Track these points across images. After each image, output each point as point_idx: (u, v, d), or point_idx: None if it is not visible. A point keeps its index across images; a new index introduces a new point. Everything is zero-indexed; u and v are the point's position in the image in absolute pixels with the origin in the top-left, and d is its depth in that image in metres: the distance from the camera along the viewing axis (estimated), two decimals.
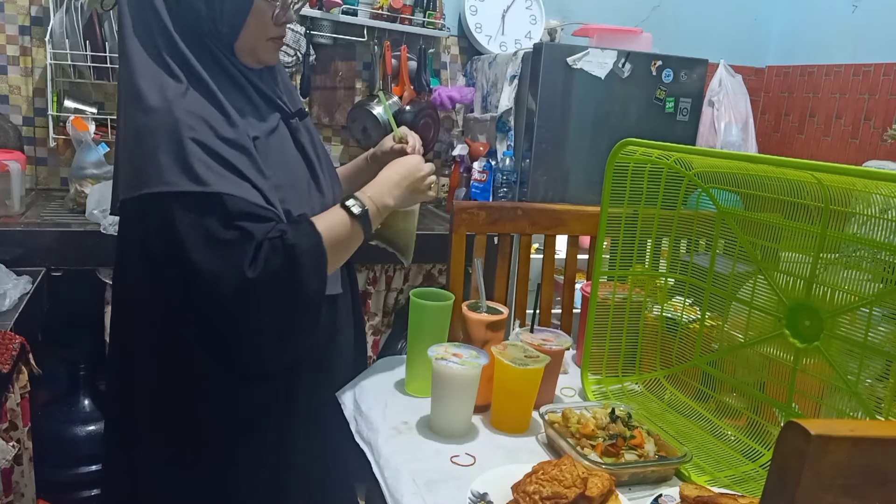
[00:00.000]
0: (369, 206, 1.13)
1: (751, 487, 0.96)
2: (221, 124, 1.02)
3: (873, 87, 2.90)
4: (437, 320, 1.22)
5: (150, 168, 0.99)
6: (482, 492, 0.90)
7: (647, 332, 1.27)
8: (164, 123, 0.99)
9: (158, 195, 0.99)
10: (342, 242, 1.11)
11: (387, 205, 1.16)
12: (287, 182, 1.10)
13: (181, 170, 0.98)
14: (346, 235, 1.11)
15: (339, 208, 1.11)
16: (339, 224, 1.10)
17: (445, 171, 3.07)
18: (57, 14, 2.30)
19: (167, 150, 0.98)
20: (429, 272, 2.48)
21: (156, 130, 0.99)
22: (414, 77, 2.81)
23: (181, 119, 0.99)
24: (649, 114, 2.62)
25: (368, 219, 1.12)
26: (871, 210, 0.91)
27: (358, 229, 1.12)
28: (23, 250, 1.89)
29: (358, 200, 1.12)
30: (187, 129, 0.98)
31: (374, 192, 1.15)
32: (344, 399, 1.26)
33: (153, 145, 0.99)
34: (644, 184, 1.19)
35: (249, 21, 1.07)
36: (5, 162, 2.03)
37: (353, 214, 1.11)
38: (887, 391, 0.90)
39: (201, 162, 0.98)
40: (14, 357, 1.46)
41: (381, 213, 1.16)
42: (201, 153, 0.99)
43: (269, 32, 1.10)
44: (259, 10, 1.07)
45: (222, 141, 1.01)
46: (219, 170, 1.00)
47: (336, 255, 1.10)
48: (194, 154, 0.98)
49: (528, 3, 2.95)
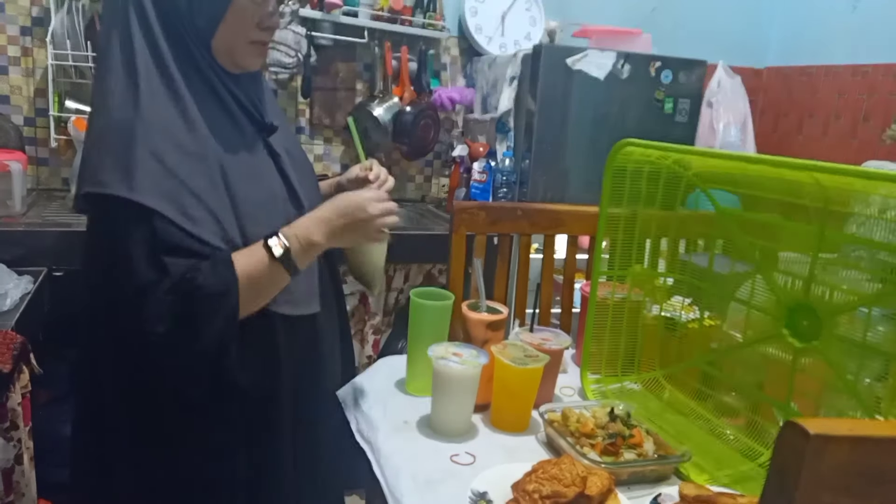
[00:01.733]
0: (293, 244, 1.03)
1: (750, 486, 0.97)
2: (183, 133, 0.99)
3: (873, 87, 2.91)
4: (437, 320, 1.22)
5: (95, 167, 0.97)
6: (482, 490, 0.90)
7: (646, 331, 1.27)
8: (122, 127, 0.96)
9: (91, 196, 0.97)
10: (262, 284, 1.03)
11: (314, 242, 1.06)
12: (257, 197, 1.06)
13: (122, 174, 0.94)
14: (266, 276, 1.02)
15: (261, 247, 1.03)
16: (259, 264, 1.02)
17: (446, 171, 3.07)
18: (58, 14, 2.30)
19: (115, 153, 0.95)
20: (429, 272, 2.48)
21: (112, 132, 0.97)
22: (414, 78, 2.81)
23: (140, 124, 0.96)
24: (648, 114, 2.62)
25: (290, 259, 1.03)
26: (869, 210, 0.91)
27: (279, 270, 1.03)
28: (24, 250, 1.89)
29: (281, 239, 1.03)
30: (143, 136, 0.96)
31: (302, 228, 1.06)
32: (344, 398, 1.27)
33: (105, 146, 0.97)
34: (643, 184, 1.19)
35: (228, 18, 1.03)
36: (6, 162, 2.04)
37: (271, 255, 1.02)
38: (886, 391, 0.90)
39: (146, 171, 0.95)
40: (15, 357, 1.46)
41: (307, 252, 1.06)
42: (152, 162, 0.95)
43: (250, 35, 1.06)
44: (239, 8, 1.03)
45: (179, 152, 0.97)
46: (163, 184, 0.96)
47: (254, 296, 1.03)
48: (142, 162, 0.95)
49: (527, 4, 2.95)
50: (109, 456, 1.10)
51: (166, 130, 0.98)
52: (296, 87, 2.78)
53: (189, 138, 0.99)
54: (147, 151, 0.95)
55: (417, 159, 2.98)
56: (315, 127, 2.85)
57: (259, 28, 1.07)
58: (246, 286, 1.00)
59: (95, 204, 0.99)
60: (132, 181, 0.94)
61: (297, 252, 1.04)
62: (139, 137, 0.95)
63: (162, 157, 0.96)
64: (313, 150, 2.89)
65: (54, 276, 1.93)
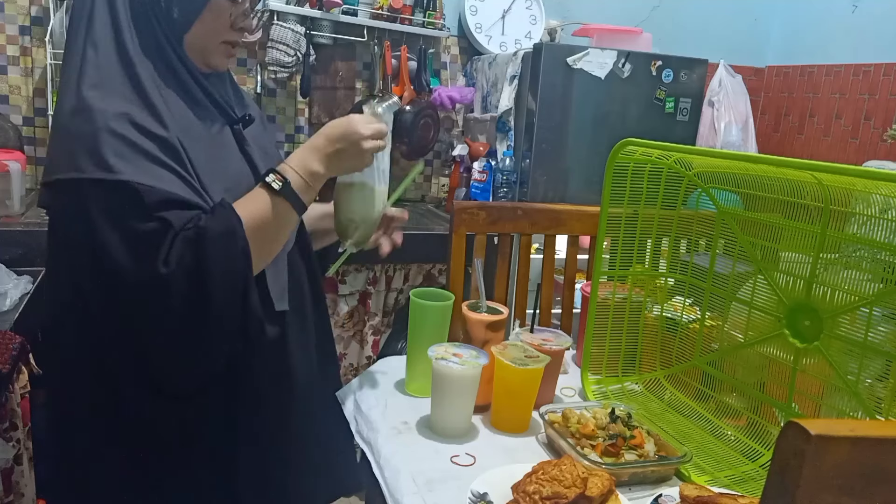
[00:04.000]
0: (292, 177, 1.00)
1: (751, 487, 0.96)
2: (147, 121, 0.97)
3: (873, 87, 2.90)
4: (437, 320, 1.22)
5: (63, 154, 0.96)
6: (482, 491, 0.90)
7: (646, 332, 1.27)
8: (85, 113, 0.95)
9: (70, 182, 0.94)
10: (269, 225, 1.00)
11: (313, 170, 1.02)
12: (223, 186, 1.03)
13: (93, 158, 0.93)
14: (272, 216, 0.99)
15: (260, 187, 1.00)
16: (262, 205, 0.99)
17: (445, 171, 3.07)
18: (57, 14, 2.30)
19: (81, 139, 0.94)
20: (429, 272, 2.48)
21: (75, 119, 0.95)
22: (414, 77, 2.81)
23: (103, 110, 0.95)
24: (649, 114, 2.62)
25: (293, 192, 1.00)
26: (870, 210, 0.91)
27: (285, 206, 1.00)
28: (23, 250, 1.89)
29: (278, 174, 1.00)
30: (101, 118, 0.94)
31: (297, 160, 1.02)
32: (344, 399, 1.26)
33: (70, 133, 0.96)
34: (644, 184, 1.19)
35: (205, 15, 1.02)
36: (5, 162, 2.04)
37: (272, 191, 0.99)
38: (887, 391, 0.90)
39: (114, 152, 0.93)
40: (14, 357, 1.46)
41: (310, 183, 1.02)
42: (118, 144, 0.93)
43: (224, 35, 1.06)
44: (217, 6, 1.03)
45: (145, 136, 0.96)
46: (136, 160, 0.94)
47: (266, 240, 1.00)
48: (108, 144, 0.93)
49: (528, 3, 2.95)
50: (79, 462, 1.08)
51: (126, 114, 0.96)
52: (295, 87, 2.78)
53: (154, 125, 0.97)
54: (110, 134, 0.94)
55: (417, 159, 2.98)
56: (314, 126, 2.85)
57: (232, 28, 1.06)
58: (253, 228, 0.97)
59: (73, 189, 0.95)
60: (106, 164, 0.93)
61: (299, 184, 1.01)
62: (99, 123, 0.94)
63: (130, 140, 0.95)
64: None
65: None
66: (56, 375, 1.11)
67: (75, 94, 0.96)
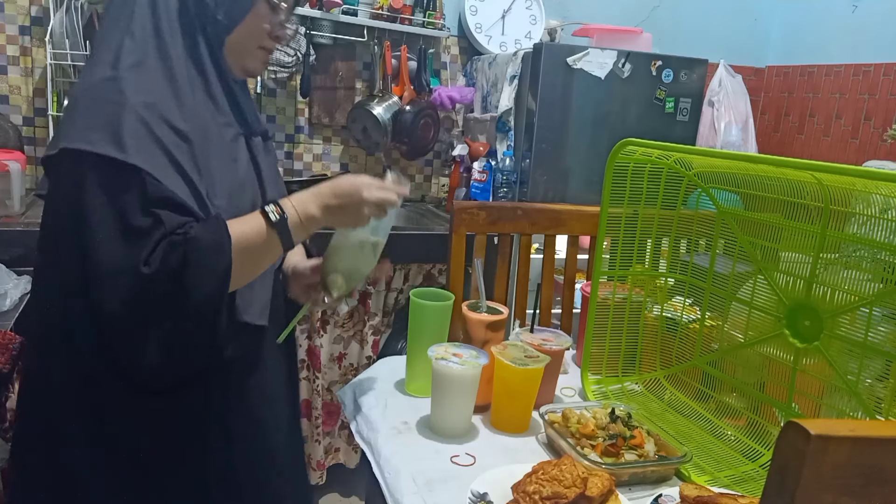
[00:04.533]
0: (290, 213, 1.00)
1: (751, 487, 0.96)
2: (173, 115, 0.97)
3: (873, 87, 2.90)
4: (437, 320, 1.22)
5: (76, 125, 0.94)
6: (482, 492, 0.90)
7: (646, 332, 1.27)
8: (113, 88, 0.94)
9: (74, 153, 0.92)
10: (254, 251, 1.00)
11: (311, 214, 1.02)
12: (228, 191, 1.03)
13: (109, 135, 0.91)
14: (260, 243, 0.99)
15: (258, 213, 1.00)
16: (254, 229, 0.99)
17: (445, 171, 3.07)
18: (57, 14, 2.30)
19: (104, 111, 0.93)
20: (429, 272, 2.48)
21: (105, 88, 0.95)
22: (414, 77, 2.81)
23: (130, 89, 0.94)
24: (649, 114, 2.62)
25: (287, 228, 1.00)
26: (870, 210, 0.91)
27: (274, 239, 1.00)
28: (23, 250, 1.89)
29: (278, 206, 1.00)
30: (133, 101, 0.93)
31: (298, 201, 1.03)
32: (344, 399, 1.26)
33: (96, 102, 0.94)
34: (644, 184, 1.19)
35: (248, 19, 1.05)
36: (5, 162, 2.04)
37: (268, 221, 0.99)
38: (887, 391, 0.90)
39: (132, 134, 0.92)
40: (14, 357, 1.46)
41: (305, 225, 1.02)
42: (140, 128, 0.93)
43: (262, 40, 1.09)
44: (260, 12, 1.06)
45: (167, 129, 0.95)
46: (151, 150, 0.93)
47: (247, 264, 0.99)
48: (129, 125, 0.92)
49: (528, 3, 2.95)
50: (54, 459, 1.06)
51: (155, 104, 0.96)
52: (295, 86, 2.77)
53: (177, 117, 0.98)
54: (135, 117, 0.93)
55: (417, 159, 2.98)
56: (314, 126, 2.85)
57: (270, 35, 1.09)
58: (239, 250, 0.96)
59: (77, 160, 0.93)
60: (121, 143, 0.92)
61: (294, 222, 1.01)
62: (129, 102, 0.93)
63: (151, 127, 0.94)
64: (312, 150, 2.88)
65: None
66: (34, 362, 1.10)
67: (111, 67, 0.96)
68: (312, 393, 2.37)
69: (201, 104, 1.03)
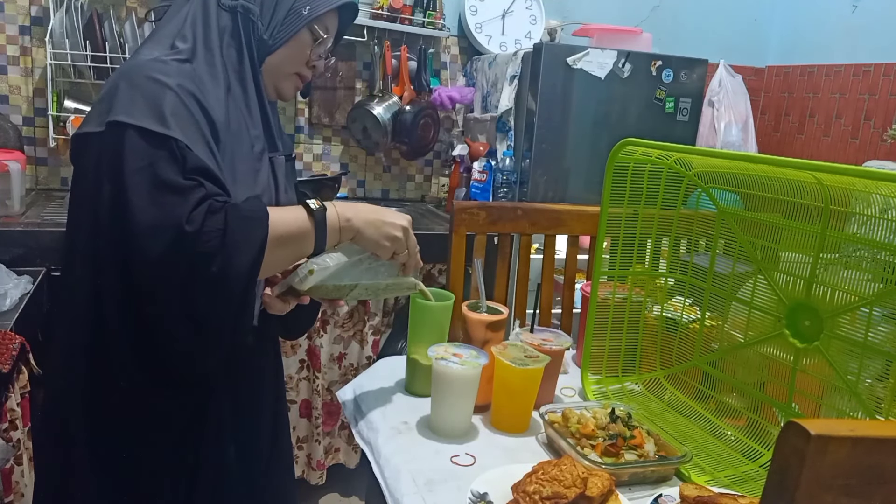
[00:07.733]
0: (330, 210, 1.02)
1: (751, 487, 0.96)
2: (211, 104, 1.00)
3: (873, 87, 2.90)
4: (437, 320, 1.22)
5: (121, 102, 0.95)
6: (482, 492, 0.90)
7: (646, 332, 1.27)
8: (165, 68, 0.98)
9: (118, 125, 0.93)
10: (288, 238, 0.99)
11: (349, 219, 1.03)
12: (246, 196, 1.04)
13: (151, 109, 0.94)
14: (295, 231, 1.00)
15: (299, 204, 1.02)
16: (292, 215, 1.00)
17: (445, 171, 3.07)
18: (57, 14, 2.30)
19: (145, 92, 0.95)
20: (429, 272, 2.48)
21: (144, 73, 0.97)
22: (414, 77, 2.81)
23: (182, 75, 0.98)
24: (649, 114, 2.62)
25: (325, 221, 1.01)
26: (871, 210, 0.91)
27: (309, 229, 1.00)
28: (23, 250, 1.89)
29: (319, 201, 1.02)
30: (178, 86, 0.97)
31: (340, 204, 1.05)
32: (344, 399, 1.26)
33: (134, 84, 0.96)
34: (644, 184, 1.19)
35: (291, 43, 1.10)
36: (5, 162, 2.03)
37: (308, 210, 1.00)
38: (887, 391, 0.90)
39: (173, 112, 0.95)
40: (14, 357, 1.46)
41: (341, 226, 1.03)
42: (180, 108, 0.96)
43: (298, 67, 1.13)
44: (303, 40, 1.10)
45: (204, 115, 0.99)
46: (192, 128, 0.96)
47: (279, 249, 0.99)
48: (171, 103, 0.95)
49: (528, 3, 2.95)
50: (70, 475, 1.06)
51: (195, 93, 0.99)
52: None
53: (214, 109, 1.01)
54: (176, 98, 0.96)
55: (417, 159, 2.98)
56: (314, 126, 2.85)
57: (307, 63, 1.13)
58: (275, 232, 0.96)
59: (120, 133, 0.94)
60: (164, 118, 0.94)
61: (332, 220, 1.02)
62: (171, 84, 0.96)
63: (189, 109, 0.97)
64: (312, 150, 2.88)
65: (53, 277, 1.93)
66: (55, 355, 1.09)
67: (168, 48, 1.02)
68: (312, 393, 2.37)
69: (238, 112, 1.06)
